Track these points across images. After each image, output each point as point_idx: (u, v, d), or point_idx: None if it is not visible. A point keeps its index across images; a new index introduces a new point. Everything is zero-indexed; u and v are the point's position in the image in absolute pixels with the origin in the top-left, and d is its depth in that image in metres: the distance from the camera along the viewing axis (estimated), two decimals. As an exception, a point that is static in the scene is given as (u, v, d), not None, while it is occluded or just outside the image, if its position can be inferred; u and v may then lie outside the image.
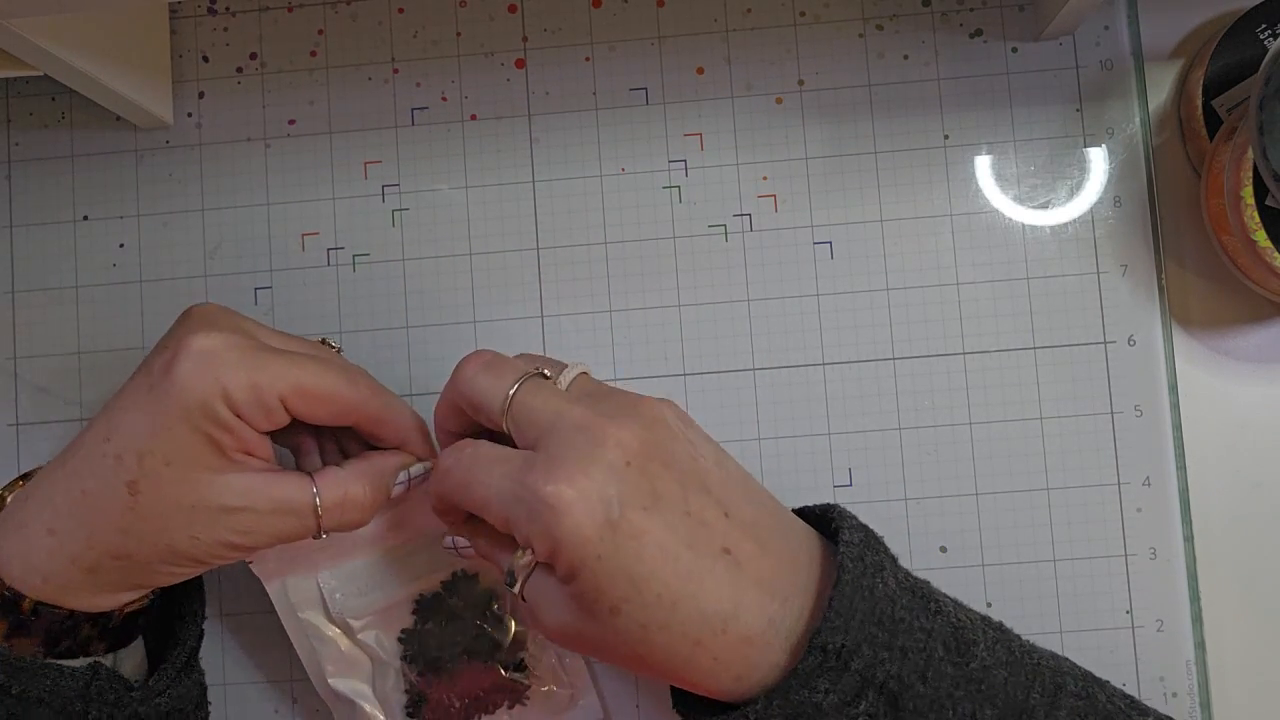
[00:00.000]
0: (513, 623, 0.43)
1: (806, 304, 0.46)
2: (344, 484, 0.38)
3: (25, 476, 0.39)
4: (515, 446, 0.36)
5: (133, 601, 0.38)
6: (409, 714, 0.43)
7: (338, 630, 0.42)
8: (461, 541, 0.38)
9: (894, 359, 0.45)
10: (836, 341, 0.46)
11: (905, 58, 0.46)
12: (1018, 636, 0.37)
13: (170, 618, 0.41)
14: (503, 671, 0.43)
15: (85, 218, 0.47)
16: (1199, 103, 0.44)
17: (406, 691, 0.43)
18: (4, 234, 0.48)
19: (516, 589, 0.35)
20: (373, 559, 0.42)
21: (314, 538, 0.38)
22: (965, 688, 0.33)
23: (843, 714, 0.33)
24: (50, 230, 0.47)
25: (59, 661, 0.36)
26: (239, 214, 0.47)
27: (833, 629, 0.33)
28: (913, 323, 0.45)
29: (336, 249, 0.47)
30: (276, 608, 0.42)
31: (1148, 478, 0.45)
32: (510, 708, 0.43)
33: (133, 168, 0.48)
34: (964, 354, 0.45)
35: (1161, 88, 0.46)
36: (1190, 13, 0.46)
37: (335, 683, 0.42)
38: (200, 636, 0.41)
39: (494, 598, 0.43)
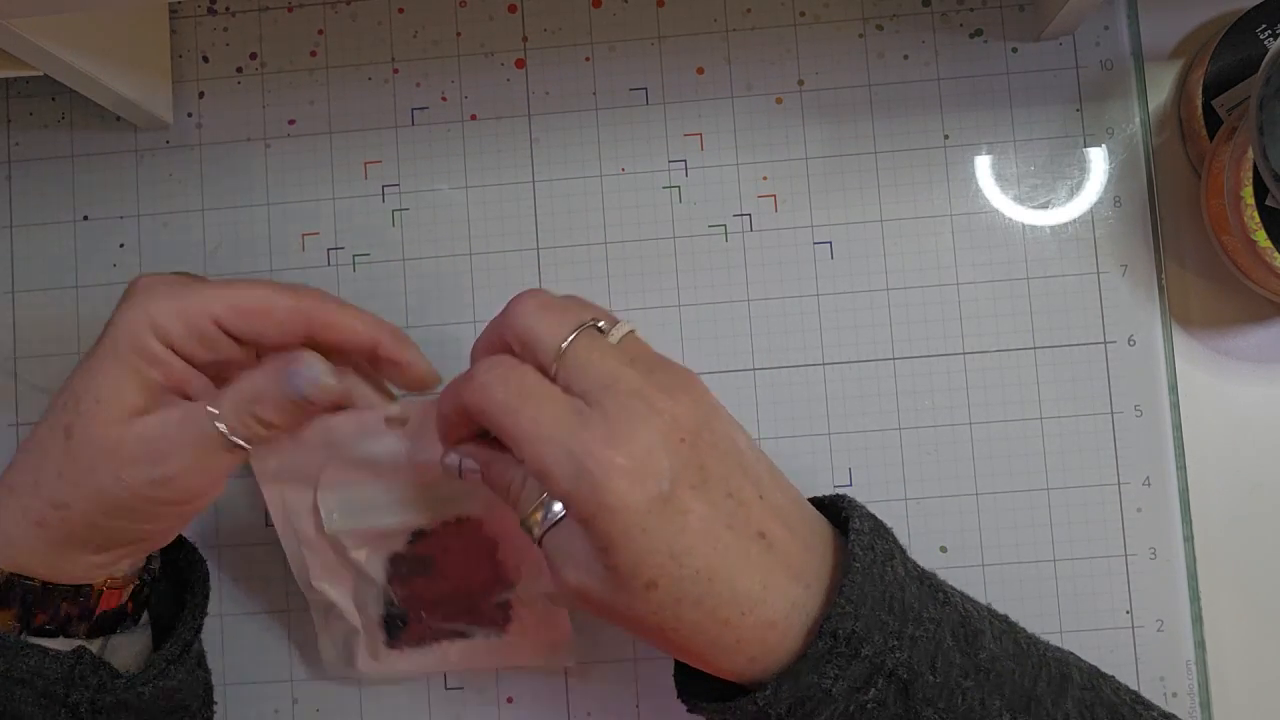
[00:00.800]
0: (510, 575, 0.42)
1: (806, 304, 0.46)
2: (236, 385, 0.36)
3: None
4: None
5: (109, 581, 0.38)
6: (387, 633, 0.42)
7: (328, 543, 0.41)
8: (470, 464, 0.36)
9: (894, 359, 0.45)
10: (836, 341, 0.46)
11: (905, 58, 0.46)
12: (1024, 629, 0.37)
13: (176, 613, 0.41)
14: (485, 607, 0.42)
15: (85, 218, 0.47)
16: (1199, 103, 0.44)
17: (386, 613, 0.42)
18: (4, 234, 0.48)
19: (537, 536, 0.34)
20: (376, 486, 0.40)
21: (232, 450, 0.36)
22: (974, 677, 0.34)
23: (851, 700, 0.33)
24: (50, 230, 0.47)
25: (43, 642, 0.36)
26: (239, 214, 0.47)
27: (843, 615, 0.33)
28: (913, 323, 0.45)
29: (336, 249, 0.47)
30: (270, 512, 0.41)
31: (1148, 478, 0.45)
32: (485, 638, 0.43)
33: (133, 168, 0.48)
34: (964, 354, 0.45)
35: (1161, 88, 0.46)
36: (1190, 13, 0.46)
37: (319, 584, 0.42)
38: (197, 630, 0.41)
39: (496, 547, 0.42)
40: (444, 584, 0.42)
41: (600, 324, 0.35)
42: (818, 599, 0.34)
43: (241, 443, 0.36)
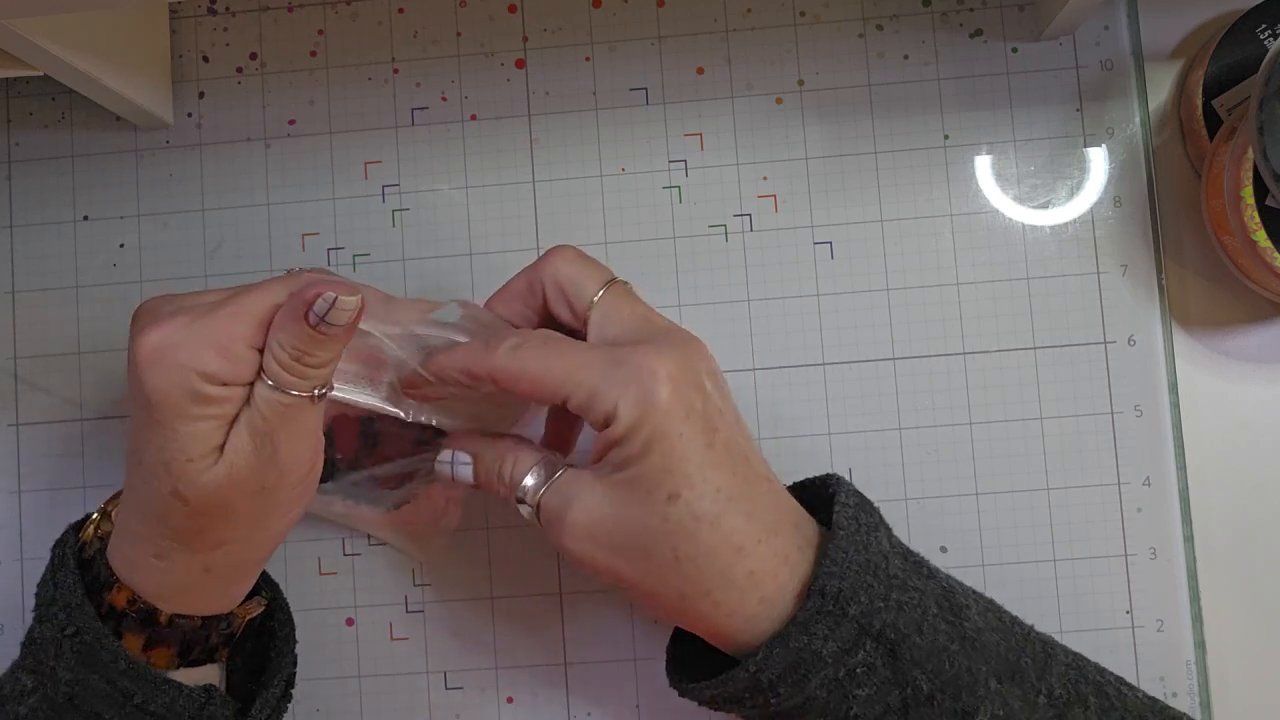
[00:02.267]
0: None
1: (806, 304, 0.46)
2: (273, 356, 0.35)
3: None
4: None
5: (244, 606, 0.40)
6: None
7: None
8: (463, 457, 0.38)
9: (894, 359, 0.45)
10: (836, 341, 0.46)
11: (905, 58, 0.46)
12: (1008, 612, 0.38)
13: (267, 647, 0.42)
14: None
15: (85, 218, 0.47)
16: (1199, 103, 0.44)
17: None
18: (4, 234, 0.48)
19: (534, 498, 0.36)
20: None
21: (318, 400, 0.36)
22: (959, 644, 0.34)
23: (841, 664, 0.33)
24: (50, 230, 0.47)
25: (179, 679, 0.37)
26: (239, 214, 0.47)
27: (829, 574, 0.34)
28: (913, 323, 0.45)
29: (336, 249, 0.47)
30: None
31: (1148, 478, 0.45)
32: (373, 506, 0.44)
33: (133, 168, 0.48)
34: (964, 354, 0.45)
35: (1161, 88, 0.46)
36: (1190, 13, 0.46)
37: None
38: (294, 663, 0.42)
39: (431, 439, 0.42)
40: (379, 451, 0.43)
41: (627, 283, 0.38)
42: (808, 562, 0.35)
43: (306, 393, 0.35)
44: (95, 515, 0.39)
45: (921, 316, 0.45)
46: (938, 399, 0.45)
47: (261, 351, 0.35)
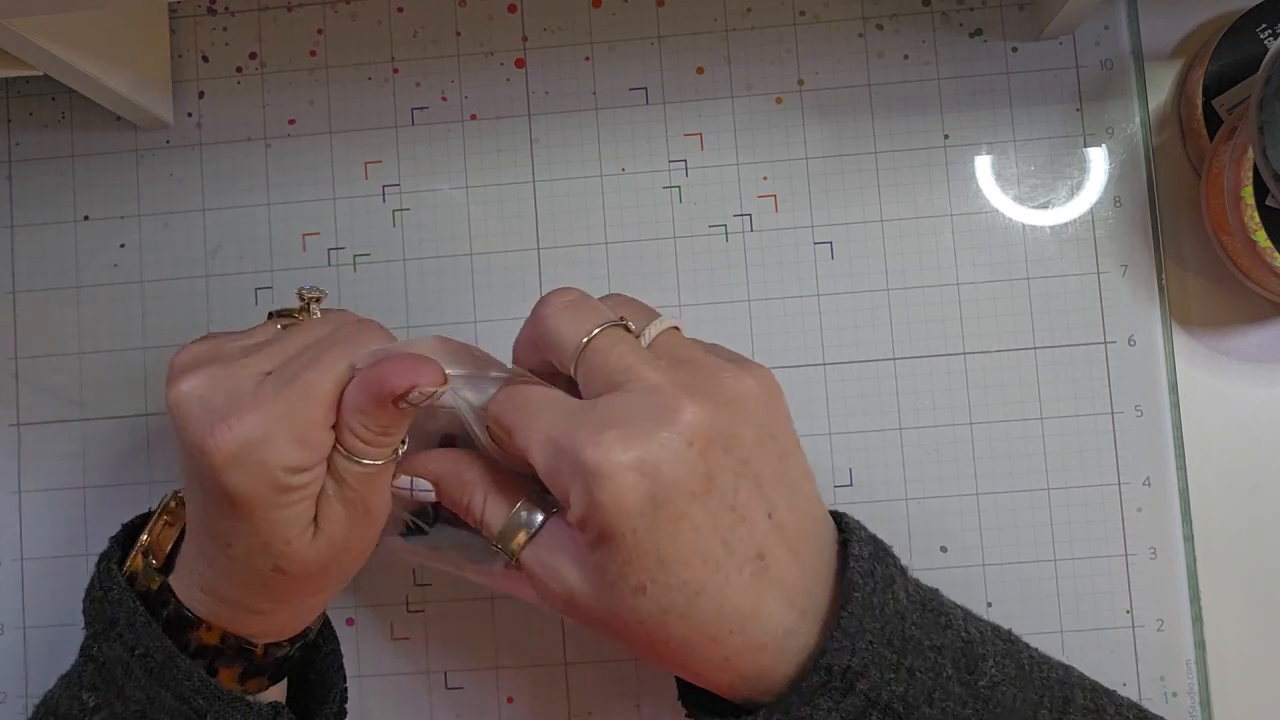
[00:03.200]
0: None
1: (806, 304, 0.46)
2: (350, 432, 0.35)
3: (170, 508, 0.39)
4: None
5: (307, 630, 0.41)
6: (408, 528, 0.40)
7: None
8: (422, 484, 0.36)
9: (894, 359, 0.45)
10: (836, 341, 0.46)
11: (905, 57, 0.46)
12: (1027, 646, 0.36)
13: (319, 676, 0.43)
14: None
15: (86, 218, 0.47)
16: (1199, 103, 0.44)
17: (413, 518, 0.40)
18: (4, 234, 0.48)
19: (514, 549, 0.34)
20: None
21: (395, 459, 0.36)
22: (973, 706, 0.33)
23: None
24: (51, 230, 0.47)
25: (248, 697, 0.38)
26: (239, 214, 0.47)
27: (839, 650, 0.32)
28: (913, 323, 0.45)
29: (337, 249, 0.47)
30: None
31: (1148, 478, 0.45)
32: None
33: (133, 168, 0.48)
34: (964, 354, 0.45)
35: (1161, 88, 0.46)
36: (1190, 13, 0.46)
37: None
38: (345, 679, 0.43)
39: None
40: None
41: (629, 324, 0.35)
42: (815, 627, 0.33)
43: (378, 461, 0.35)
44: (145, 536, 0.38)
45: (921, 316, 0.45)
46: (938, 399, 0.45)
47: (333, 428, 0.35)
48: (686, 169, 0.46)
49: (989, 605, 0.44)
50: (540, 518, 0.34)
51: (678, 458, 0.31)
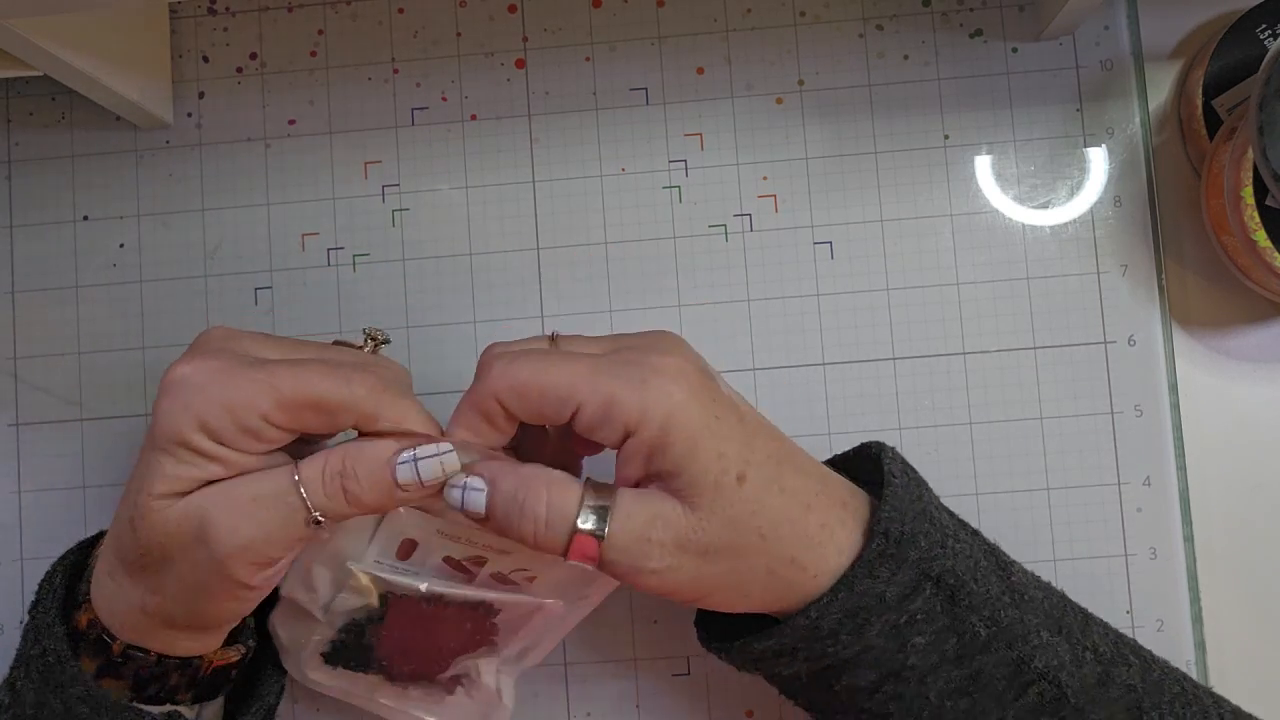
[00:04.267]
0: None
1: (806, 304, 0.46)
2: (323, 459, 0.34)
3: None
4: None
5: (220, 652, 0.38)
6: (331, 649, 0.40)
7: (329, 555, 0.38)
8: (476, 483, 0.33)
9: (894, 359, 0.45)
10: (836, 341, 0.46)
11: (905, 58, 0.46)
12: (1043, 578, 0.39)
13: (253, 675, 0.41)
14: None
15: (85, 218, 0.47)
16: (1199, 103, 0.44)
17: (339, 636, 0.40)
18: (4, 234, 0.47)
19: (604, 528, 0.32)
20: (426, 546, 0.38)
21: (312, 526, 0.33)
22: (1009, 595, 0.35)
23: (902, 609, 0.34)
24: (50, 230, 0.47)
25: (141, 706, 0.36)
26: (239, 214, 0.47)
27: (890, 518, 0.34)
28: (913, 323, 0.45)
29: (336, 249, 0.47)
30: None
31: (1148, 478, 0.45)
32: (423, 693, 0.41)
33: (133, 168, 0.47)
34: (964, 354, 0.45)
35: (1161, 88, 0.46)
36: (1190, 13, 0.46)
37: (291, 591, 0.39)
38: (280, 693, 0.41)
39: (487, 620, 0.39)
40: (417, 635, 0.39)
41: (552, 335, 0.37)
42: (863, 509, 0.36)
43: (321, 518, 0.34)
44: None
45: (921, 316, 0.45)
46: (938, 399, 0.45)
47: (286, 433, 0.34)
48: (686, 169, 0.46)
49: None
50: (606, 491, 0.33)
51: (699, 359, 0.35)
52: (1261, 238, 0.41)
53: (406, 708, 0.41)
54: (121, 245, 0.47)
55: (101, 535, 0.38)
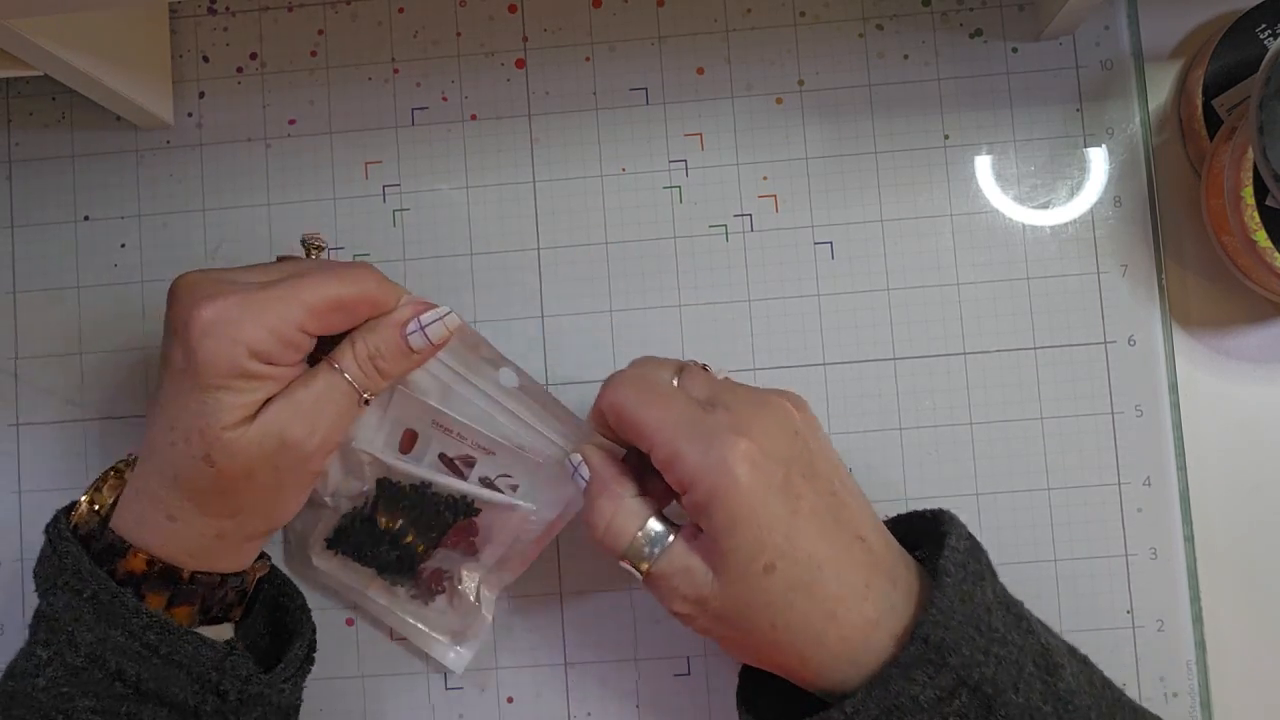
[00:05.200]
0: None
1: (806, 304, 0.46)
2: (349, 349, 0.39)
3: (119, 468, 0.40)
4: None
5: (258, 564, 0.42)
6: (335, 535, 0.44)
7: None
8: (586, 471, 0.38)
9: (894, 359, 0.45)
10: (836, 341, 0.46)
11: (905, 58, 0.46)
12: (1099, 670, 0.38)
13: (286, 618, 0.44)
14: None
15: (86, 218, 0.47)
16: (1199, 102, 0.44)
17: (346, 519, 0.43)
18: (5, 234, 0.48)
19: (646, 565, 0.36)
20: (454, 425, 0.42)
21: (362, 404, 0.39)
22: (1052, 704, 0.34)
23: (936, 712, 0.33)
24: (51, 230, 0.47)
25: (202, 631, 0.38)
26: (239, 214, 0.47)
27: (934, 622, 0.34)
28: (913, 323, 0.45)
29: (336, 249, 0.47)
30: None
31: (1148, 478, 0.45)
32: (409, 594, 0.44)
33: (133, 168, 0.48)
34: (964, 354, 0.45)
35: (1161, 88, 0.46)
36: (1190, 13, 0.46)
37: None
38: (314, 631, 0.43)
39: (478, 529, 0.43)
40: (415, 528, 0.43)
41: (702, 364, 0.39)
42: (909, 608, 0.35)
43: (368, 397, 0.39)
44: (84, 496, 0.39)
45: (921, 316, 0.45)
46: (938, 399, 0.45)
47: (314, 340, 0.38)
48: (686, 169, 0.46)
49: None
50: (664, 531, 0.36)
51: (790, 443, 0.35)
52: (1261, 238, 0.41)
53: (393, 606, 0.44)
54: (122, 245, 0.47)
55: (70, 506, 0.40)
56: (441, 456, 0.42)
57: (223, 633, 0.40)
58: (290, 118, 0.47)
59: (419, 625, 0.44)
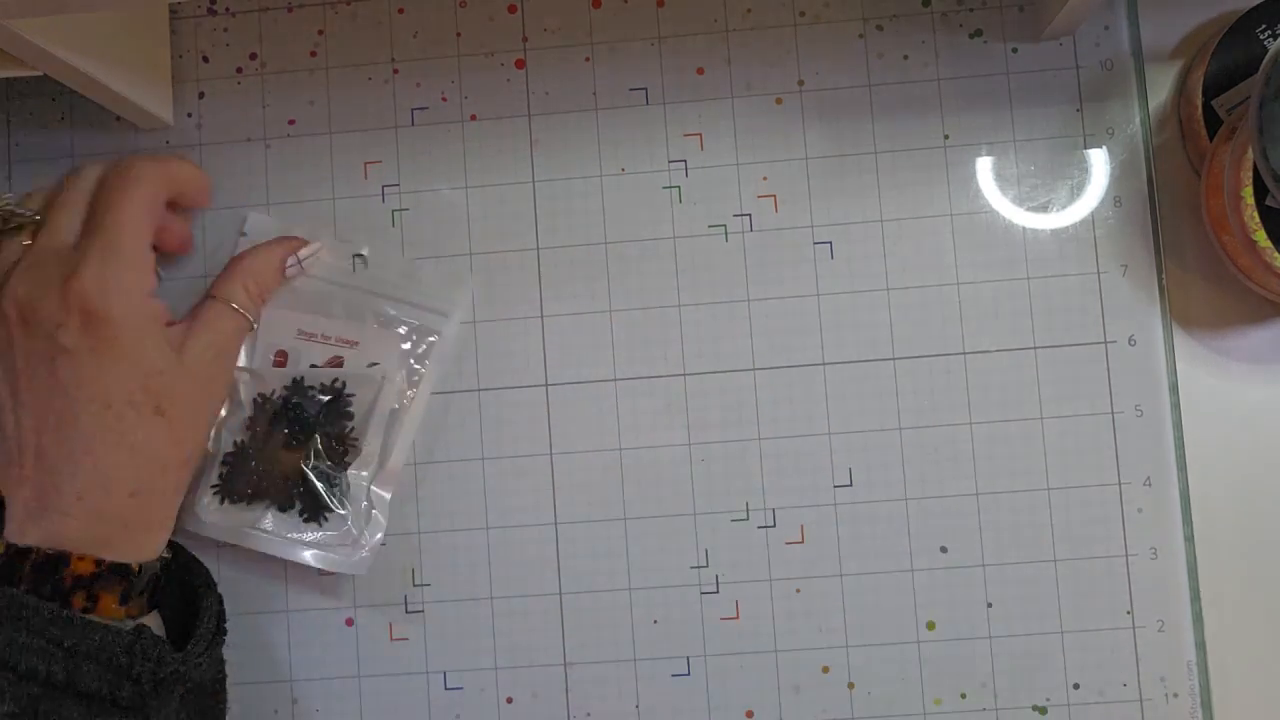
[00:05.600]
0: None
1: (806, 304, 0.46)
2: (241, 283, 0.44)
3: None
4: None
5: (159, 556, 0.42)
6: (222, 481, 0.45)
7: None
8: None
9: (894, 359, 0.45)
10: (836, 341, 0.46)
11: (905, 58, 0.46)
12: None
13: (183, 595, 0.43)
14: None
15: (85, 218, 0.47)
16: (1199, 103, 0.44)
17: (232, 452, 0.45)
18: (4, 234, 0.47)
19: None
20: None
21: (252, 329, 0.44)
22: None
23: None
24: (50, 230, 0.47)
25: (104, 621, 0.38)
26: (239, 214, 0.47)
27: None
28: (913, 323, 0.45)
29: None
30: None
31: (1148, 478, 0.45)
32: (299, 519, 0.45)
33: (133, 168, 0.47)
34: (964, 354, 0.45)
35: (1161, 88, 0.46)
36: (1190, 13, 0.46)
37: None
38: (220, 602, 0.43)
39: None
40: (295, 438, 0.45)
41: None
42: None
43: (254, 321, 0.44)
44: None
45: (921, 316, 0.45)
46: (938, 399, 0.45)
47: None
48: (686, 169, 0.46)
49: (989, 605, 0.44)
50: None
51: None
52: (1261, 238, 0.41)
53: (286, 531, 0.45)
54: (121, 245, 0.47)
55: None
56: (312, 366, 0.45)
57: (155, 619, 0.41)
58: (290, 118, 0.47)
59: (316, 539, 0.44)
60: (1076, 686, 0.44)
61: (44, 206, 0.42)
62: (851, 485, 0.45)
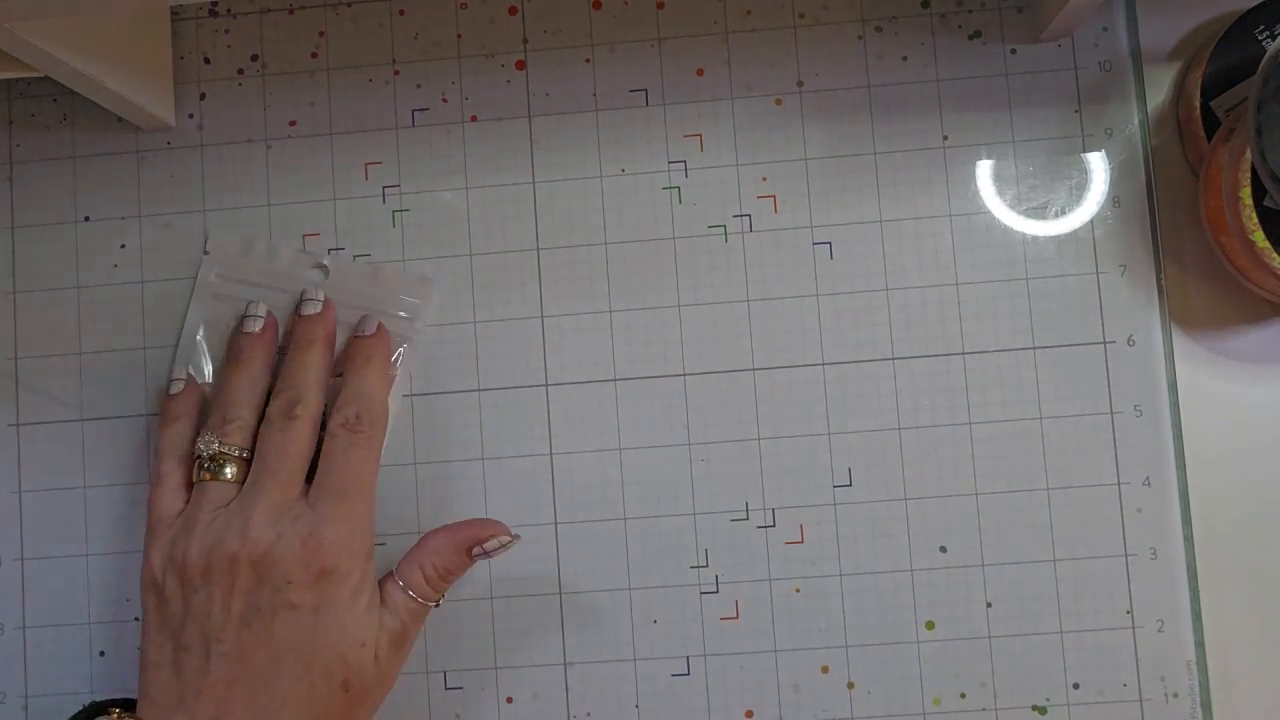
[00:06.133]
0: None
1: (806, 304, 0.46)
2: (421, 570, 0.41)
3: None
4: None
5: None
6: None
7: None
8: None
9: (894, 359, 0.45)
10: (836, 341, 0.46)
11: (904, 59, 0.46)
12: None
13: None
14: None
15: (87, 219, 0.48)
16: (1197, 104, 0.44)
17: None
18: (5, 234, 0.48)
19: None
20: None
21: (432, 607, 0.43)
22: None
23: None
24: (51, 231, 0.48)
25: None
26: (240, 215, 0.47)
27: None
28: (913, 323, 0.46)
29: (337, 249, 0.47)
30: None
31: (1148, 478, 0.45)
32: None
33: (134, 169, 0.48)
34: (964, 354, 0.45)
35: (1160, 89, 0.46)
36: (1189, 13, 0.46)
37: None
38: None
39: None
40: None
41: None
42: None
43: (429, 603, 0.42)
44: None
45: (921, 316, 0.46)
46: (938, 399, 0.45)
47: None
48: (686, 170, 0.46)
49: (989, 605, 0.44)
50: None
51: None
52: (1260, 238, 0.41)
53: None
54: (123, 246, 0.47)
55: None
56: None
57: None
58: (291, 119, 0.47)
59: None
60: (1076, 686, 0.44)
61: (245, 442, 0.42)
62: (851, 485, 0.45)
